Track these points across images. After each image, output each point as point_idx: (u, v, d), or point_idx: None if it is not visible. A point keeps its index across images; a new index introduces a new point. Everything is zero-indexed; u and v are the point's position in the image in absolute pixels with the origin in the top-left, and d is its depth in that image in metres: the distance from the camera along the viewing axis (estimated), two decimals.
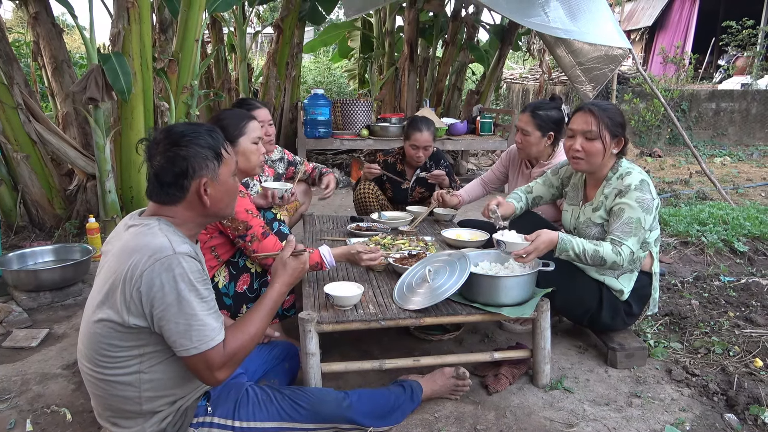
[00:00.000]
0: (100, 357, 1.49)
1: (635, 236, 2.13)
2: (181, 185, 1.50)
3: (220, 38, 7.18)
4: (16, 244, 3.83)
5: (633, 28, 13.37)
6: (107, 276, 1.46)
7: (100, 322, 1.46)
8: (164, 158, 1.49)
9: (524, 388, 2.19)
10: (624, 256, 2.11)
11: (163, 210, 1.54)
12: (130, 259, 1.41)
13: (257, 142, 2.32)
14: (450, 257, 2.19)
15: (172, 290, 1.39)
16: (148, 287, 1.39)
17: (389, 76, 7.70)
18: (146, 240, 1.44)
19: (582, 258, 2.13)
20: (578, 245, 2.12)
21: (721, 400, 2.13)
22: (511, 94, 12.45)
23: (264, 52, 12.39)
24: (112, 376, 1.50)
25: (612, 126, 2.23)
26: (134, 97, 3.83)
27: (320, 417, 1.72)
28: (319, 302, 2.10)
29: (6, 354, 2.47)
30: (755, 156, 8.38)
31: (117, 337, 1.46)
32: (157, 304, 1.40)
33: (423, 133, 3.36)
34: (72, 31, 11.75)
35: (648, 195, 2.16)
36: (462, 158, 7.09)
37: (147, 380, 1.50)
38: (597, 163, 2.26)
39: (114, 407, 1.54)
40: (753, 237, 3.74)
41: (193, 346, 1.42)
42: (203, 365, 1.45)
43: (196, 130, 1.54)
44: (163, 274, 1.39)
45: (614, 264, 2.13)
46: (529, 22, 4.84)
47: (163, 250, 1.41)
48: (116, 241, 1.53)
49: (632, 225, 2.13)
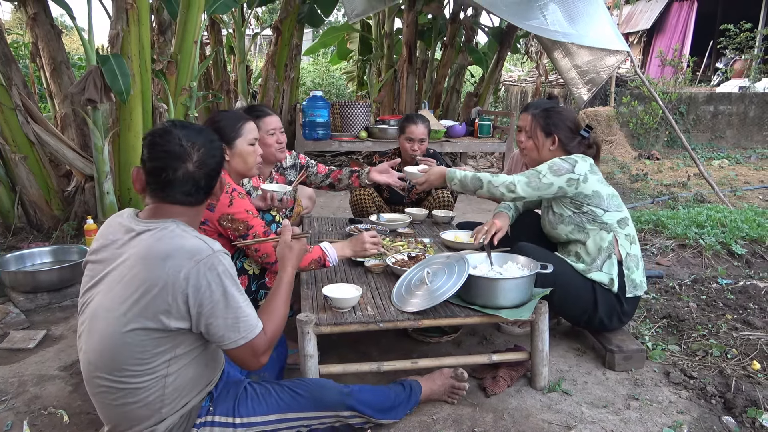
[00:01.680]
0: (128, 367, 1.43)
1: (526, 177, 2.33)
2: (212, 186, 1.55)
3: (219, 40, 7.19)
4: (13, 245, 3.83)
5: (631, 31, 13.41)
6: (131, 285, 1.41)
7: (133, 332, 1.41)
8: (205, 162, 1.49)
9: (522, 390, 2.19)
10: (500, 185, 2.33)
11: (174, 210, 1.50)
12: (166, 265, 1.39)
13: (254, 143, 2.32)
14: (448, 259, 2.19)
15: (219, 287, 1.42)
16: (195, 289, 1.40)
17: (388, 78, 7.71)
18: (178, 243, 1.42)
19: (465, 183, 2.42)
20: (461, 172, 2.46)
21: (719, 402, 2.13)
22: (510, 97, 12.48)
23: (263, 54, 12.41)
24: (137, 383, 1.45)
25: (544, 126, 2.45)
26: (133, 98, 3.82)
27: (321, 404, 1.71)
28: (317, 304, 2.09)
29: (3, 355, 2.46)
30: (753, 159, 8.41)
31: (152, 344, 1.42)
32: (206, 303, 1.41)
33: (418, 126, 3.40)
34: (71, 32, 11.76)
35: (565, 164, 2.32)
36: (460, 160, 7.10)
37: (171, 383, 1.49)
38: (534, 157, 2.50)
39: (129, 415, 1.49)
40: (751, 240, 3.74)
41: (242, 336, 1.47)
42: (250, 353, 1.51)
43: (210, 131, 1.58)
44: (208, 273, 1.41)
45: (489, 185, 2.35)
46: (527, 25, 4.86)
47: (202, 251, 1.42)
48: (124, 247, 1.47)
49: (530, 172, 2.35)
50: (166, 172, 1.46)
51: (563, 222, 2.41)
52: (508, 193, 2.33)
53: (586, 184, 2.31)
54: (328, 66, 13.67)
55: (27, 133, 3.91)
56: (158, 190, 1.49)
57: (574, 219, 2.37)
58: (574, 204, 2.36)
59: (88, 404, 2.08)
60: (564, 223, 2.41)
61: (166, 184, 1.48)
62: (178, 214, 1.51)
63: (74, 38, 12.75)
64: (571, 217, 2.38)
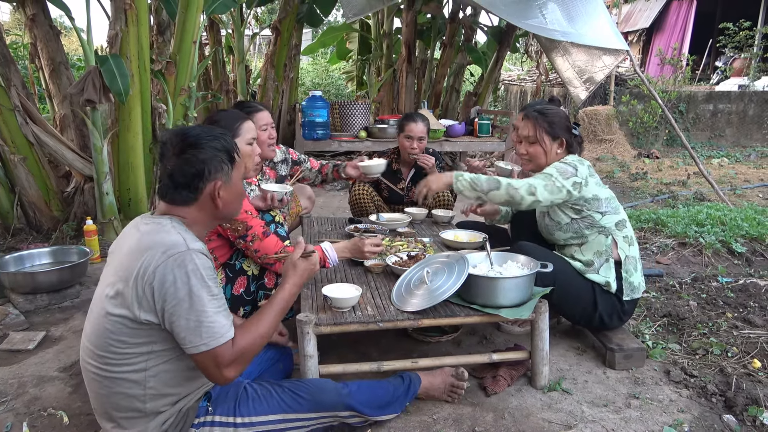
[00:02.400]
0: (108, 353, 1.48)
1: (543, 180, 2.26)
2: (196, 187, 1.53)
3: (218, 40, 7.18)
4: (13, 246, 3.82)
5: (630, 29, 13.41)
6: (118, 272, 1.47)
7: (110, 317, 1.46)
8: (181, 160, 1.52)
9: (522, 389, 2.19)
10: (522, 188, 2.23)
11: (175, 210, 1.56)
12: (143, 256, 1.43)
13: (252, 143, 2.31)
14: (448, 259, 2.19)
15: (184, 285, 1.41)
16: (161, 282, 1.41)
17: (387, 78, 7.71)
18: (159, 237, 1.46)
19: (477, 183, 2.27)
20: (471, 175, 2.32)
21: (720, 401, 2.13)
22: (509, 96, 12.46)
23: (262, 54, 12.41)
24: (119, 373, 1.49)
25: (550, 129, 2.38)
26: (132, 98, 3.82)
27: (321, 406, 1.73)
28: (317, 304, 2.09)
29: (2, 357, 2.46)
30: (752, 157, 8.40)
31: (127, 334, 1.46)
32: (169, 299, 1.41)
33: (417, 124, 3.42)
34: (69, 33, 11.75)
35: (569, 167, 2.29)
36: (460, 160, 7.09)
37: (152, 378, 1.51)
38: (542, 163, 2.41)
39: (117, 406, 1.53)
40: (751, 238, 3.74)
41: (203, 342, 1.43)
42: (212, 362, 1.45)
43: (211, 133, 1.57)
44: (176, 269, 1.41)
45: (509, 187, 2.24)
46: (526, 24, 4.86)
47: (177, 246, 1.43)
48: (127, 238, 1.54)
49: (541, 174, 2.30)
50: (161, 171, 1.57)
51: (560, 229, 2.39)
52: (528, 196, 2.23)
53: (587, 188, 2.29)
54: (327, 66, 13.67)
55: (26, 133, 3.91)
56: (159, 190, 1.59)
57: (572, 226, 2.35)
58: (574, 209, 2.33)
59: (88, 405, 2.07)
60: (561, 230, 2.39)
61: (159, 181, 1.59)
62: (176, 212, 1.56)
63: (73, 39, 12.74)
64: (569, 224, 2.36)
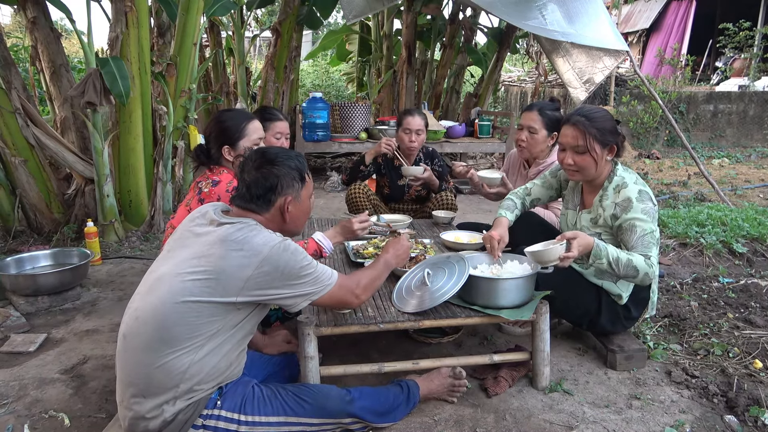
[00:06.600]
0: (172, 333, 1.56)
1: (656, 247, 2.12)
2: (269, 199, 1.73)
3: (219, 42, 7.19)
4: (14, 248, 3.82)
5: (630, 30, 13.41)
6: (208, 261, 1.58)
7: (187, 303, 1.56)
8: (259, 173, 1.72)
9: (523, 390, 2.19)
10: (654, 268, 2.09)
11: (248, 215, 1.72)
12: (242, 249, 1.58)
13: (258, 143, 2.32)
14: (449, 260, 2.18)
15: (296, 262, 1.65)
16: (275, 267, 1.61)
17: (387, 79, 7.71)
18: (252, 233, 1.63)
19: (615, 266, 2.06)
20: (612, 253, 2.05)
21: (721, 401, 2.12)
22: (509, 97, 12.47)
23: (262, 56, 12.42)
24: (173, 352, 1.57)
25: (600, 136, 2.19)
26: (132, 101, 3.83)
27: (324, 412, 1.77)
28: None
29: (4, 359, 2.46)
30: (753, 157, 8.40)
31: (207, 314, 1.58)
32: (288, 274, 1.63)
33: (414, 117, 3.46)
34: (70, 35, 11.77)
35: (650, 204, 2.15)
36: (460, 161, 7.10)
37: (197, 362, 1.59)
38: (591, 173, 2.25)
39: (152, 380, 1.57)
40: (752, 238, 3.74)
41: (328, 282, 1.74)
42: (345, 291, 1.78)
43: (288, 154, 1.78)
44: (283, 254, 1.62)
45: (645, 276, 2.08)
46: (526, 25, 4.86)
47: (274, 239, 1.64)
48: (207, 230, 1.66)
49: (648, 237, 2.11)
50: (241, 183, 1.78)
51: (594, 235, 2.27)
52: (652, 269, 2.08)
53: None
54: (327, 67, 13.67)
55: (27, 136, 3.91)
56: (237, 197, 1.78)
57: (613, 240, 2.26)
58: None
59: (89, 407, 2.08)
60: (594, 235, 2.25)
61: (236, 191, 1.80)
62: (251, 218, 1.72)
63: (74, 41, 12.75)
64: (609, 240, 2.26)
